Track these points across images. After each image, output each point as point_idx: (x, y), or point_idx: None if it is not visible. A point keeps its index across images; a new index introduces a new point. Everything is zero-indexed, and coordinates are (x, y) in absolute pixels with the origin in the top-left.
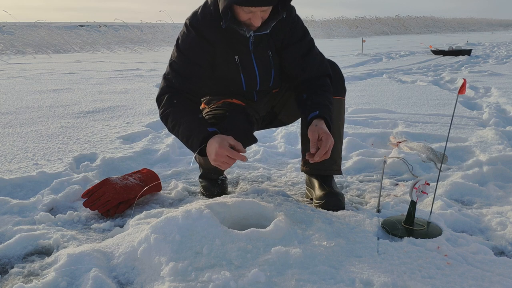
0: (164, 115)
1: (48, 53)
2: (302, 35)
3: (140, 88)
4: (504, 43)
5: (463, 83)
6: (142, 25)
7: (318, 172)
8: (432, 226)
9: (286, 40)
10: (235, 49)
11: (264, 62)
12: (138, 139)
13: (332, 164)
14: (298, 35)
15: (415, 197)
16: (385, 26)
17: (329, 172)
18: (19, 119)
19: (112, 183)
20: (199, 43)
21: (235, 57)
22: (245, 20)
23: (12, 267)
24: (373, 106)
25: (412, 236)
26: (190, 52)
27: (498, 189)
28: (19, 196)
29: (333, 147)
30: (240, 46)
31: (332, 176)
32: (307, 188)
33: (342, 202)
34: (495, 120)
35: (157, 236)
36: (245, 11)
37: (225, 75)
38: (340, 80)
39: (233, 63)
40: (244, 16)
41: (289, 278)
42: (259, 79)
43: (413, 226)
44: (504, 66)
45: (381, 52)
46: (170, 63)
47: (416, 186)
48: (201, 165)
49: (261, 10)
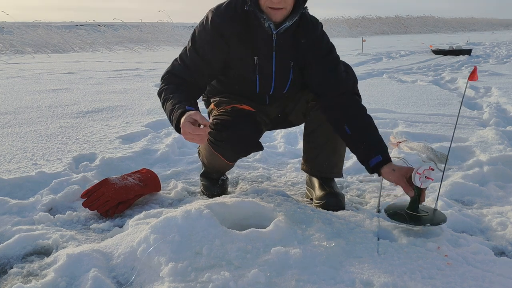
0: (159, 91)
1: (47, 53)
2: (328, 51)
3: (139, 88)
4: (505, 43)
5: (474, 69)
6: (141, 25)
7: (319, 174)
8: (438, 213)
9: (311, 56)
10: (256, 49)
11: (283, 69)
12: (137, 139)
13: (333, 167)
14: (323, 52)
15: (418, 183)
16: (385, 25)
17: (329, 174)
18: (18, 119)
19: (112, 183)
20: (213, 40)
21: (254, 57)
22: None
23: (11, 267)
24: (373, 106)
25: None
26: (201, 47)
27: (498, 189)
28: (18, 196)
29: (337, 151)
30: (262, 47)
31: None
32: (307, 188)
33: (342, 202)
34: (496, 120)
35: (157, 236)
36: None
37: (240, 74)
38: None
39: (251, 63)
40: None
41: (289, 278)
42: (274, 84)
43: (417, 212)
44: (504, 66)
45: (381, 51)
46: (181, 52)
47: (419, 171)
48: (204, 163)
49: None
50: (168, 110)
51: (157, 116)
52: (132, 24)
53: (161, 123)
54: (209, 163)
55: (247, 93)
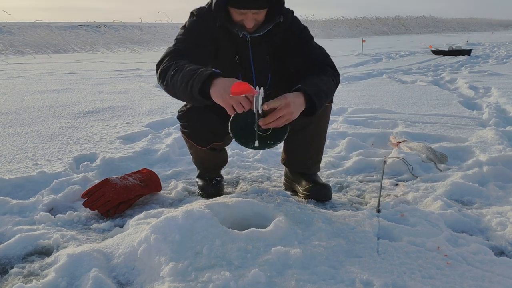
0: (165, 68)
1: (48, 53)
2: (299, 31)
3: (140, 88)
4: (504, 43)
5: None
6: (141, 25)
7: (301, 170)
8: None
9: (285, 44)
10: (236, 48)
11: (261, 65)
12: (138, 139)
13: (316, 163)
14: (295, 33)
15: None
16: (385, 26)
17: (312, 170)
18: (19, 119)
19: (112, 183)
20: (205, 28)
21: (235, 56)
22: (238, 20)
23: (12, 267)
24: (373, 106)
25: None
26: (195, 31)
27: (498, 189)
28: (19, 196)
29: (316, 146)
30: (240, 46)
31: None
32: (287, 180)
33: (330, 192)
34: (495, 120)
35: (157, 236)
36: (237, 12)
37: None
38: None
39: (233, 61)
40: (237, 17)
41: (289, 278)
42: (255, 82)
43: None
44: (504, 66)
45: (381, 52)
46: (175, 39)
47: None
48: (196, 164)
49: (253, 12)
50: (186, 75)
51: (157, 116)
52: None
53: (161, 123)
54: (202, 163)
55: None
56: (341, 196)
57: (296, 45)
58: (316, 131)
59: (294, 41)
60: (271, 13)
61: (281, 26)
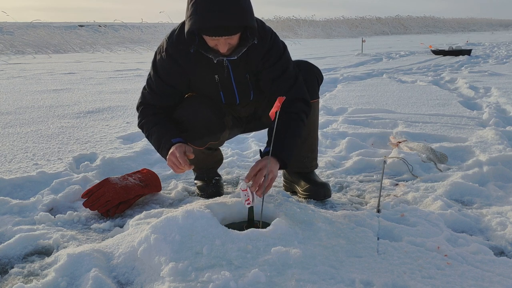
0: (140, 125)
1: (48, 53)
2: (277, 59)
3: (140, 88)
4: (504, 43)
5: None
6: (142, 25)
7: (299, 170)
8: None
9: (260, 65)
10: (214, 69)
11: (243, 84)
12: (138, 139)
13: (312, 160)
14: (273, 60)
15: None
16: (385, 26)
17: (310, 168)
18: (19, 119)
19: (112, 183)
20: (171, 68)
21: (214, 76)
22: (212, 46)
23: (12, 267)
24: (373, 106)
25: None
26: (164, 75)
27: (498, 189)
28: (19, 196)
29: (310, 144)
30: (218, 67)
31: None
32: (285, 181)
33: (329, 190)
34: (495, 120)
35: (157, 236)
36: (210, 39)
37: (205, 91)
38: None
39: (213, 82)
40: (210, 43)
41: (289, 278)
42: (238, 97)
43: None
44: (504, 66)
45: (381, 52)
46: (147, 79)
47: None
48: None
49: (225, 38)
50: (155, 145)
51: None
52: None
53: None
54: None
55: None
56: (341, 196)
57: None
58: (307, 130)
59: (270, 70)
60: (245, 36)
61: (257, 47)
